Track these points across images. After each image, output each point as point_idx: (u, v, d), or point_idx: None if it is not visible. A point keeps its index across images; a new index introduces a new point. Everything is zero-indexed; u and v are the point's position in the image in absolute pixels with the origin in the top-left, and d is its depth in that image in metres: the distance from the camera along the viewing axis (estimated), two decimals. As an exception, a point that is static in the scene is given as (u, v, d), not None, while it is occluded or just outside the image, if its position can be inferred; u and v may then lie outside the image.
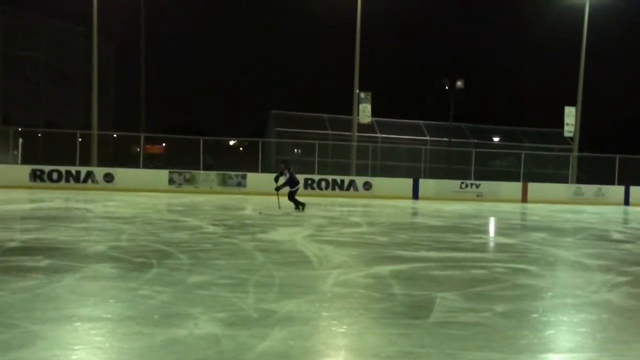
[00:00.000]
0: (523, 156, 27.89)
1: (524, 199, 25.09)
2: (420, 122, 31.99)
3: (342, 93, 32.61)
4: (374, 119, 28.34)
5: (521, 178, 26.64)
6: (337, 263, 7.98)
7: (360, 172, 26.48)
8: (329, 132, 30.19)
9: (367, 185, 24.23)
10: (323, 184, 24.02)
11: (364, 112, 26.19)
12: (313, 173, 24.75)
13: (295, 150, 32.03)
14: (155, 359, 4.02)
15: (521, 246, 10.65)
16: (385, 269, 7.57)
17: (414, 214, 18.57)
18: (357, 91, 26.22)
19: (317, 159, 25.60)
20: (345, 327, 5.01)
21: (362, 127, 27.60)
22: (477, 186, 25.08)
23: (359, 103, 26.28)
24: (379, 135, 30.44)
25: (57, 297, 5.64)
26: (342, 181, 24.19)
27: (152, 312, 5.12)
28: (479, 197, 24.70)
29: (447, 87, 29.41)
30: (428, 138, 31.01)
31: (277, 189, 16.24)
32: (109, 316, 5.01)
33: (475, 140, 31.59)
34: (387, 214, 17.03)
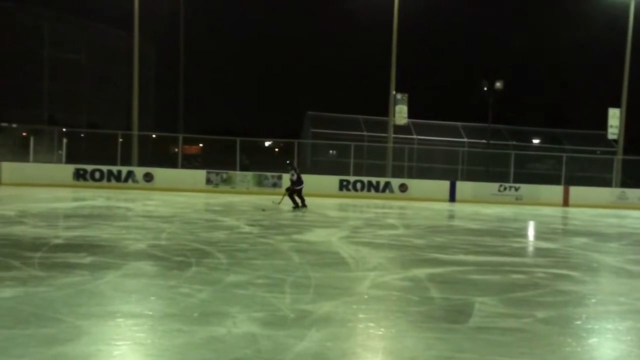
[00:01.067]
0: (564, 159, 27.17)
1: (565, 203, 24.46)
2: (458, 123, 31.56)
3: (378, 94, 32.45)
4: (410, 120, 28.09)
5: (562, 181, 25.96)
6: (373, 265, 7.95)
7: (396, 173, 26.28)
8: (365, 133, 30.08)
9: (403, 187, 24.04)
10: (358, 185, 23.95)
11: (400, 113, 25.99)
12: (348, 174, 24.70)
13: (330, 151, 32.02)
14: (195, 356, 4.08)
15: (563, 251, 10.39)
16: (422, 272, 7.50)
17: (451, 216, 18.33)
18: (394, 92, 26.04)
19: (352, 160, 25.52)
20: (382, 329, 4.99)
21: (398, 129, 27.39)
22: (517, 189, 24.58)
23: (395, 104, 26.11)
24: (415, 136, 30.17)
25: (101, 293, 5.79)
26: (378, 183, 24.07)
27: (191, 310, 5.21)
28: (518, 201, 24.20)
29: (485, 88, 28.91)
30: (465, 140, 30.56)
31: (289, 189, 16.73)
32: (150, 313, 5.12)
33: (515, 142, 30.96)
34: (424, 217, 16.86)
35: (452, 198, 23.96)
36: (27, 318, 4.71)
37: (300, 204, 16.50)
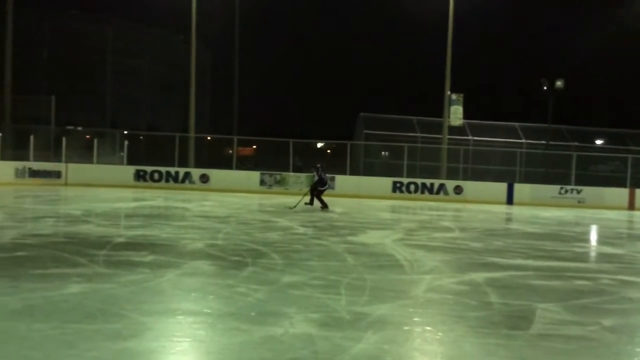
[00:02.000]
0: (630, 160, 25.95)
1: (631, 206, 23.35)
2: (515, 124, 30.66)
3: (432, 95, 31.97)
4: (465, 121, 27.55)
5: (628, 183, 24.80)
6: (429, 268, 7.83)
7: (451, 175, 25.83)
8: (418, 134, 29.71)
9: (458, 189, 23.61)
10: (412, 187, 23.69)
11: (455, 114, 25.55)
12: (401, 176, 24.48)
13: (383, 152, 31.83)
14: (253, 355, 4.14)
15: (629, 257, 9.92)
16: (480, 276, 7.33)
17: (509, 219, 17.84)
18: (449, 93, 25.63)
19: (405, 161, 25.27)
20: (440, 334, 4.91)
21: (453, 130, 26.92)
22: (578, 192, 23.66)
23: (450, 105, 25.69)
24: (470, 137, 29.53)
25: (162, 291, 5.97)
26: (432, 184, 23.74)
27: (249, 310, 5.28)
28: (580, 204, 23.29)
29: (545, 88, 27.95)
30: (524, 141, 29.65)
31: (312, 190, 16.84)
32: (209, 311, 5.23)
33: (576, 143, 29.78)
34: (480, 219, 16.49)
35: (510, 201, 23.33)
36: (94, 313, 4.91)
37: (310, 203, 16.62)
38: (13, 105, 24.75)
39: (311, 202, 16.68)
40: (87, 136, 29.17)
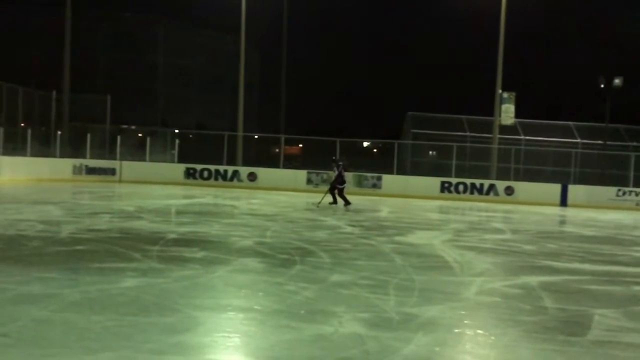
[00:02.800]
0: (694, 161, 24.68)
1: (694, 210, 22.22)
2: (570, 123, 29.63)
3: (483, 93, 31.31)
4: (517, 120, 26.85)
5: (691, 186, 23.61)
6: (479, 270, 7.67)
7: (501, 175, 25.23)
8: (467, 134, 29.17)
9: (509, 190, 23.04)
10: (461, 187, 23.28)
11: (507, 113, 24.93)
12: (450, 176, 24.09)
13: (430, 152, 31.42)
14: (303, 353, 4.16)
15: (694, 263, 9.43)
16: (533, 280, 7.12)
17: (563, 222, 17.28)
18: (500, 91, 25.04)
19: (454, 161, 24.85)
20: (493, 337, 4.80)
21: (504, 129, 26.28)
22: (637, 194, 22.68)
23: (501, 103, 25.09)
24: (522, 137, 28.75)
25: (213, 287, 6.08)
26: (482, 185, 23.25)
27: (298, 308, 5.31)
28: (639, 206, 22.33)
29: (602, 86, 26.91)
30: (579, 140, 28.63)
31: (331, 187, 16.65)
32: (259, 308, 5.29)
33: (635, 143, 28.56)
34: (533, 221, 16.03)
35: (564, 202, 22.60)
36: (149, 307, 5.05)
37: (334, 201, 16.43)
38: (71, 104, 25.79)
39: (335, 201, 16.53)
40: (139, 134, 30.07)
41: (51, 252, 7.51)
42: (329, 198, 16.51)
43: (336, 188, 16.57)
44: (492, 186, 23.30)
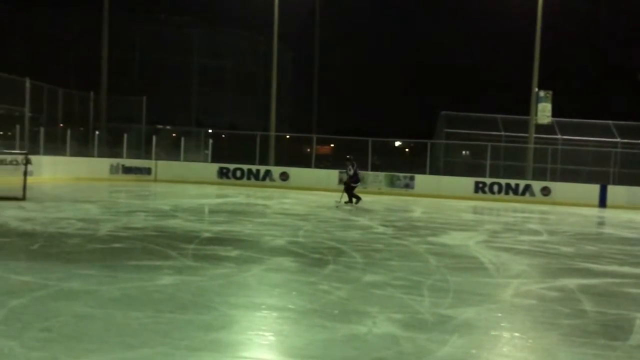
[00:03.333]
0: None
1: None
2: (610, 122, 28.79)
3: (518, 92, 30.74)
4: (554, 119, 26.25)
5: None
6: (516, 272, 7.54)
7: (538, 176, 24.72)
8: (502, 133, 28.67)
9: (546, 190, 22.55)
10: (495, 187, 22.90)
11: (543, 112, 24.41)
12: (484, 176, 23.71)
13: (464, 152, 31.01)
14: (337, 352, 4.16)
15: None
16: (572, 282, 6.96)
17: (601, 223, 16.83)
18: (536, 89, 24.53)
19: (488, 161, 24.46)
20: (531, 341, 4.71)
21: (541, 128, 25.73)
22: (680, 195, 21.91)
23: (537, 102, 24.58)
24: (559, 136, 28.08)
25: (248, 285, 6.13)
26: (517, 185, 22.82)
27: (331, 307, 5.31)
28: (682, 208, 21.56)
29: (643, 83, 26.09)
30: (619, 140, 27.79)
31: (346, 185, 16.74)
32: (293, 307, 5.31)
33: (678, 143, 27.57)
34: (570, 223, 15.66)
35: (602, 203, 22.00)
36: (185, 304, 5.13)
37: (350, 201, 16.48)
38: (108, 105, 26.40)
39: (351, 201, 16.53)
40: (174, 134, 30.55)
41: (90, 250, 7.71)
42: (347, 197, 16.58)
43: (349, 186, 16.55)
44: (528, 186, 22.86)
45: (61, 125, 24.36)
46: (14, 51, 37.11)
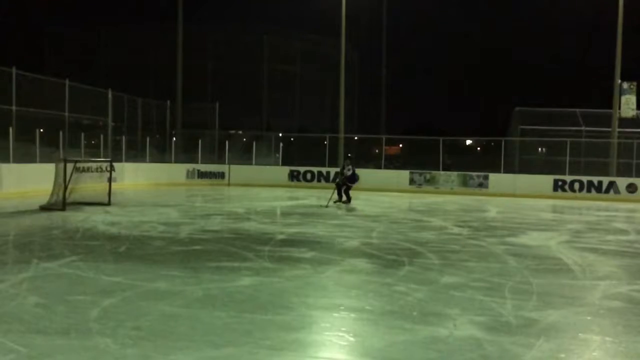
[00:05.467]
0: None
1: None
2: None
3: (599, 84, 29.17)
4: (639, 112, 24.71)
5: None
6: (603, 273, 7.16)
7: (622, 172, 23.33)
8: (582, 128, 27.30)
9: (632, 188, 21.25)
10: (576, 185, 21.83)
11: (627, 104, 23.02)
12: (564, 174, 22.66)
13: (540, 149, 29.77)
14: (419, 354, 4.11)
15: None
16: (667, 285, 6.52)
17: (696, 221, 15.65)
18: (619, 81, 23.19)
19: (568, 158, 23.36)
20: (623, 345, 4.45)
21: (624, 122, 24.27)
22: None
23: (620, 95, 23.23)
24: (646, 130, 26.42)
25: (324, 286, 6.18)
26: (600, 183, 21.64)
27: (410, 309, 5.26)
28: None
29: None
30: None
31: (341, 184, 16.09)
32: (370, 308, 5.29)
33: None
34: (660, 221, 14.69)
35: (695, 200, 20.48)
36: (265, 305, 5.23)
37: (343, 198, 15.94)
38: (183, 112, 27.45)
39: (340, 199, 16.03)
40: (244, 139, 31.30)
41: (173, 252, 8.03)
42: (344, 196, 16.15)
43: (346, 185, 16.10)
44: (612, 184, 21.64)
45: (140, 133, 25.56)
46: (97, 65, 39.43)
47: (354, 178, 16.38)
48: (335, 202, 16.16)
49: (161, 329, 4.50)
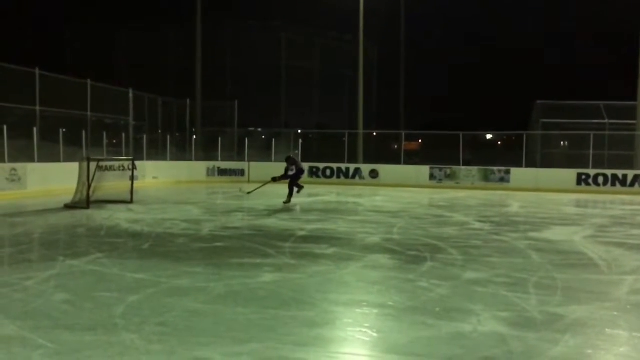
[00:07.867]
0: None
1: None
2: None
3: (623, 75, 28.63)
4: (665, 103, 24.19)
5: None
6: (630, 268, 7.04)
7: (648, 165, 22.90)
8: (606, 121, 26.82)
9: (657, 181, 20.87)
10: (600, 179, 21.48)
11: (653, 96, 22.58)
12: (587, 167, 22.32)
13: (562, 142, 29.34)
14: (443, 350, 4.09)
15: None
16: (696, 280, 6.39)
17: None
18: (643, 73, 22.75)
19: (591, 151, 22.98)
20: (653, 342, 4.37)
21: (649, 114, 23.80)
22: None
23: (645, 86, 22.78)
24: (672, 122, 25.85)
25: (346, 282, 6.18)
26: (625, 176, 21.26)
27: (433, 305, 5.23)
28: None
29: None
30: None
31: (294, 183, 15.25)
32: (393, 304, 5.28)
33: None
34: (687, 215, 14.38)
35: None
36: (288, 301, 5.25)
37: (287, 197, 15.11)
38: (203, 110, 27.64)
39: (290, 195, 15.22)
40: (263, 136, 31.41)
41: (195, 249, 8.10)
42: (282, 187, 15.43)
43: (296, 184, 15.33)
44: (637, 177, 21.25)
45: (160, 131, 25.81)
46: (118, 64, 39.89)
47: (298, 176, 15.47)
48: (284, 202, 15.20)
49: (185, 325, 4.54)
